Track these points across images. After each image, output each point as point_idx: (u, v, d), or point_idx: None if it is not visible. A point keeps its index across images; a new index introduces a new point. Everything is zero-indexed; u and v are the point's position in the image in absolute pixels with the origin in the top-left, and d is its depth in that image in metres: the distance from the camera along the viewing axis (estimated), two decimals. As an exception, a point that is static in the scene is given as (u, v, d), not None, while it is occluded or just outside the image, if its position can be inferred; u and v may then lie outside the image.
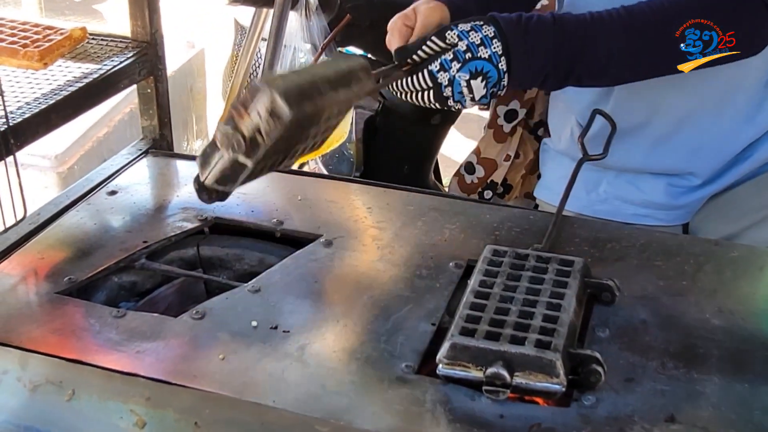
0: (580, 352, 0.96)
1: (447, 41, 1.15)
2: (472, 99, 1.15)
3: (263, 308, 1.10)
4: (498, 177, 2.00)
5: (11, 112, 1.19)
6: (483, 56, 1.14)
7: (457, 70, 1.13)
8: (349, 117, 2.05)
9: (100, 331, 1.07)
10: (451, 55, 1.14)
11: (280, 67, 1.88)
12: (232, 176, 0.96)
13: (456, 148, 3.26)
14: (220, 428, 0.96)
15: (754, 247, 1.23)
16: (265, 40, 1.93)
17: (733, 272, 1.17)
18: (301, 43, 1.89)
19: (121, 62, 1.42)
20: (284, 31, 1.85)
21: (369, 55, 2.06)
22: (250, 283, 1.15)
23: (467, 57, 1.13)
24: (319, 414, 0.93)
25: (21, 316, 1.10)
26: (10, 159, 1.15)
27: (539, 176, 2.06)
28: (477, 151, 2.00)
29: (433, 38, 1.15)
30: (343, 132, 2.07)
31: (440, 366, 0.97)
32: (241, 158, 0.94)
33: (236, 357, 1.01)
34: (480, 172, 2.00)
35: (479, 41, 1.14)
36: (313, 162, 2.20)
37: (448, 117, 2.14)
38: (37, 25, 1.43)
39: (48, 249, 1.24)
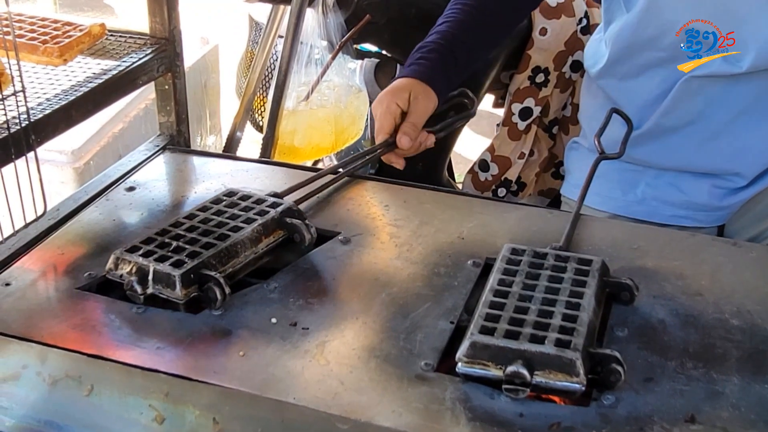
0: (600, 351, 0.96)
1: None
2: None
3: (282, 305, 1.10)
4: (512, 175, 2.01)
5: (32, 108, 1.19)
6: None
7: None
8: (365, 115, 2.06)
9: (120, 326, 1.07)
10: None
11: (297, 64, 1.88)
12: None
13: (468, 145, 3.26)
14: (239, 425, 0.96)
15: (773, 248, 1.23)
16: (282, 37, 1.94)
17: (752, 272, 1.17)
18: (317, 40, 1.89)
19: (140, 59, 1.42)
20: (301, 28, 1.85)
21: (384, 52, 2.07)
22: (268, 280, 1.16)
23: None
24: (339, 411, 0.93)
25: (41, 311, 1.11)
26: (30, 155, 1.16)
27: (553, 174, 2.06)
28: (491, 149, 2.01)
29: None
30: (359, 129, 2.07)
31: (459, 364, 0.97)
32: None
33: (256, 353, 1.02)
34: (494, 169, 2.01)
35: None
36: (327, 159, 2.20)
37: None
38: (56, 21, 1.43)
39: (67, 244, 1.25)
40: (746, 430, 0.90)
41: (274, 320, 1.07)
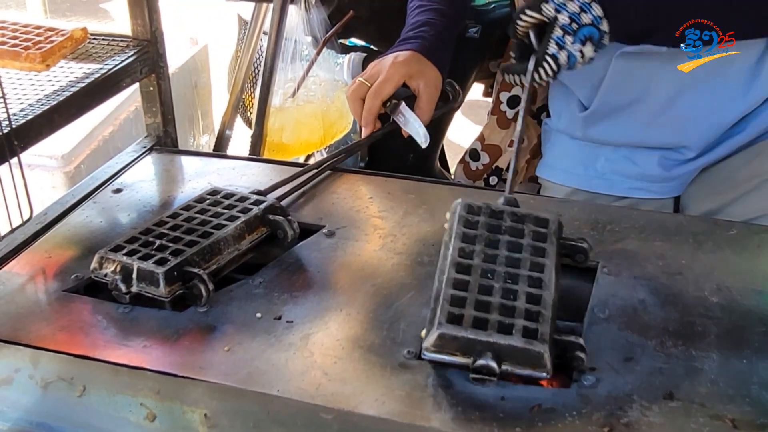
0: (565, 338, 0.96)
1: (543, 13, 1.21)
2: (583, 62, 1.23)
3: (267, 299, 1.12)
4: (503, 163, 2.01)
5: (14, 114, 1.20)
6: (586, 22, 1.19)
7: (571, 44, 1.20)
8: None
9: (108, 326, 1.08)
10: (561, 31, 1.19)
11: (282, 61, 1.89)
12: None
13: (464, 135, 3.27)
14: (227, 418, 0.97)
15: (751, 225, 1.24)
16: (266, 34, 1.95)
17: (731, 249, 1.18)
18: (302, 35, 1.90)
19: (122, 61, 1.43)
20: (285, 24, 1.86)
21: (371, 46, 2.07)
22: (254, 275, 1.17)
23: (574, 28, 1.19)
24: (322, 402, 0.94)
25: (30, 315, 1.12)
26: (14, 160, 1.17)
27: (543, 158, 2.07)
28: (481, 138, 2.01)
29: (528, 12, 1.22)
30: (348, 123, 2.08)
31: (425, 352, 0.96)
32: None
33: (241, 348, 1.03)
34: (485, 158, 2.01)
35: (579, 9, 1.19)
36: (318, 153, 2.21)
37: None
38: (38, 27, 1.44)
39: (55, 248, 1.26)
40: (724, 405, 0.91)
41: (259, 315, 1.08)
